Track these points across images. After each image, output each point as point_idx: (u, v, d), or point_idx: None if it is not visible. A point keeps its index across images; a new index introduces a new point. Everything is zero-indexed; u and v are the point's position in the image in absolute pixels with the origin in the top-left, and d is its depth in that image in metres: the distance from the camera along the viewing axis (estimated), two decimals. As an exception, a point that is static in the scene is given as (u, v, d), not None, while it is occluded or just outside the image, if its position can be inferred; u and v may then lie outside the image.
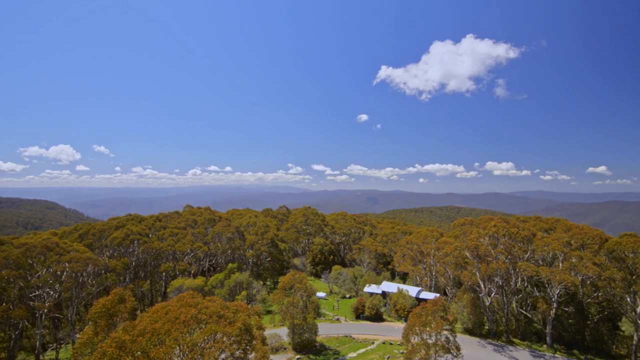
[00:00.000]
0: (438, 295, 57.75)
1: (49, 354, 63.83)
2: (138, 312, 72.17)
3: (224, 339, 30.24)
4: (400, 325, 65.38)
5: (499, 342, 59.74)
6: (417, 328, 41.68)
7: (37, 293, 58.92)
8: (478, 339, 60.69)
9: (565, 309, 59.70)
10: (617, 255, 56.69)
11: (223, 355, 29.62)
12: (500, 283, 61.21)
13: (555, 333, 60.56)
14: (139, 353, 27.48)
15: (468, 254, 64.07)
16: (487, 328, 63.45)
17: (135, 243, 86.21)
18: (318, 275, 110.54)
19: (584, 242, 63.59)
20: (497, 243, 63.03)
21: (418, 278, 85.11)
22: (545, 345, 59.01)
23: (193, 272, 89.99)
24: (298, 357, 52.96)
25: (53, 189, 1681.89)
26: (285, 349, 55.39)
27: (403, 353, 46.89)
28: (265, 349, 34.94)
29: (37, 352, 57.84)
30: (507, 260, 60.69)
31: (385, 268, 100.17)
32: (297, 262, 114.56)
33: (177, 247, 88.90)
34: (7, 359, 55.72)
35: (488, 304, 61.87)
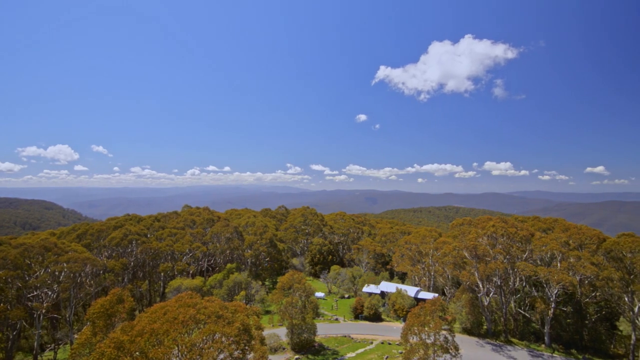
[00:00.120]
0: (436, 295, 57.92)
1: (47, 355, 63.66)
2: (136, 312, 72.04)
3: (223, 339, 30.23)
4: (399, 325, 65.44)
5: (498, 341, 59.88)
6: (415, 328, 41.76)
7: (35, 293, 58.74)
8: (476, 339, 60.82)
9: (564, 309, 59.88)
10: (615, 255, 56.86)
11: (222, 356, 29.61)
12: (499, 283, 61.35)
13: (554, 333, 60.71)
14: (138, 353, 27.46)
15: (466, 254, 64.17)
16: (485, 328, 63.60)
17: (134, 243, 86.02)
18: (317, 275, 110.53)
19: (582, 242, 63.80)
20: (495, 243, 63.17)
21: (417, 278, 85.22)
22: (544, 345, 59.18)
23: (192, 272, 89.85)
24: (297, 357, 52.96)
25: (51, 189, 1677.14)
26: (284, 349, 55.38)
27: (402, 353, 46.93)
28: (264, 349, 34.94)
29: (35, 352, 57.65)
30: (505, 260, 60.83)
31: (384, 268, 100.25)
32: (295, 262, 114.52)
33: (175, 247, 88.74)
34: (4, 360, 55.59)
35: (486, 304, 62.02)
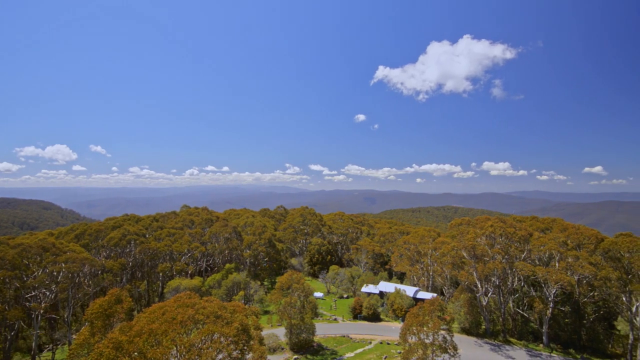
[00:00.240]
0: (435, 295, 57.89)
1: (45, 355, 63.49)
2: (135, 312, 71.97)
3: (222, 340, 30.21)
4: (398, 325, 65.47)
5: (496, 341, 60.00)
6: (414, 328, 41.81)
7: (33, 294, 58.58)
8: (475, 339, 60.92)
9: (562, 309, 60.01)
10: (612, 255, 57.00)
11: (220, 356, 29.57)
12: (497, 283, 61.47)
13: (552, 332, 60.85)
14: (136, 354, 27.40)
15: (465, 254, 64.27)
16: (484, 328, 63.72)
17: (132, 243, 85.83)
18: (315, 275, 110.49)
19: (580, 241, 63.97)
20: (494, 243, 63.30)
21: (415, 278, 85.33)
22: (542, 345, 59.33)
23: (190, 272, 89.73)
24: (295, 357, 52.95)
25: (49, 189, 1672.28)
26: (283, 349, 55.34)
27: (400, 353, 46.96)
28: (263, 349, 34.92)
29: (33, 353, 57.47)
30: (504, 260, 60.96)
31: (383, 268, 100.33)
32: (294, 262, 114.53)
33: (174, 247, 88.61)
34: (2, 360, 55.41)
35: (485, 304, 62.14)
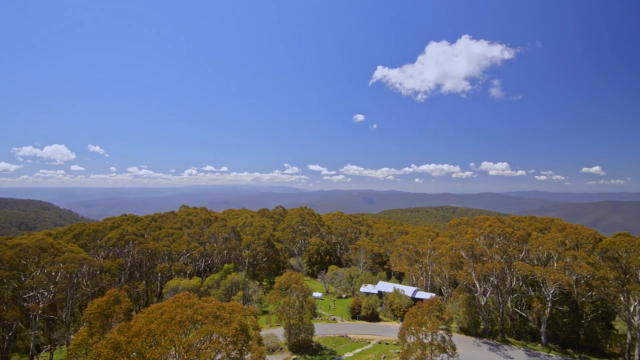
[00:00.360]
0: (434, 295, 57.98)
1: (44, 356, 63.29)
2: (133, 313, 71.74)
3: (220, 340, 30.17)
4: (397, 325, 65.53)
5: (495, 341, 60.13)
6: (413, 328, 41.86)
7: (31, 294, 58.37)
8: (474, 339, 61.04)
9: (560, 308, 60.21)
10: (610, 255, 57.20)
11: (219, 356, 29.53)
12: (496, 283, 61.60)
13: (550, 332, 61.04)
14: (135, 354, 27.35)
15: (464, 254, 64.39)
16: (482, 327, 63.84)
17: (131, 243, 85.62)
18: (314, 276, 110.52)
19: (578, 241, 64.14)
20: (492, 243, 63.44)
21: (414, 278, 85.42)
22: (540, 344, 59.48)
23: (189, 272, 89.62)
24: (294, 357, 52.95)
25: (47, 189, 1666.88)
26: (282, 349, 55.33)
27: (399, 353, 47.02)
28: (262, 350, 34.89)
29: (31, 353, 57.32)
30: (502, 260, 61.09)
31: (382, 268, 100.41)
32: (293, 262, 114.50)
33: (172, 247, 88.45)
34: (0, 361, 55.24)
35: (483, 304, 62.27)
